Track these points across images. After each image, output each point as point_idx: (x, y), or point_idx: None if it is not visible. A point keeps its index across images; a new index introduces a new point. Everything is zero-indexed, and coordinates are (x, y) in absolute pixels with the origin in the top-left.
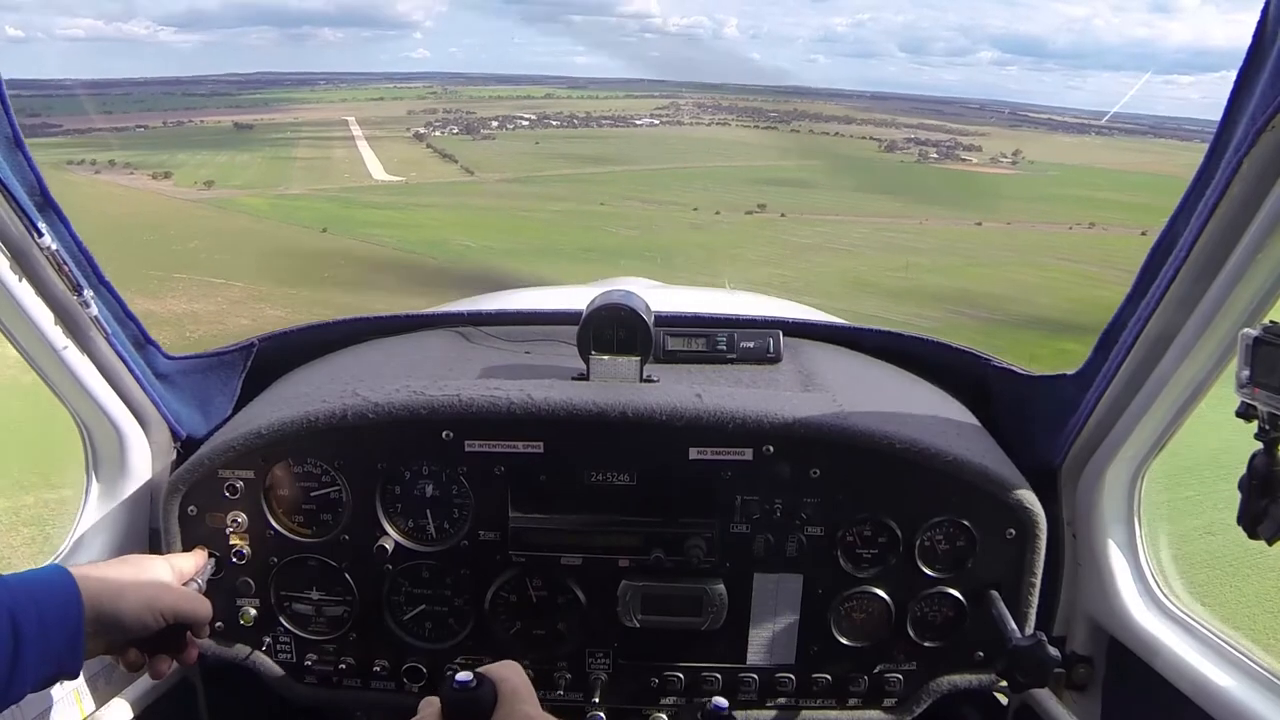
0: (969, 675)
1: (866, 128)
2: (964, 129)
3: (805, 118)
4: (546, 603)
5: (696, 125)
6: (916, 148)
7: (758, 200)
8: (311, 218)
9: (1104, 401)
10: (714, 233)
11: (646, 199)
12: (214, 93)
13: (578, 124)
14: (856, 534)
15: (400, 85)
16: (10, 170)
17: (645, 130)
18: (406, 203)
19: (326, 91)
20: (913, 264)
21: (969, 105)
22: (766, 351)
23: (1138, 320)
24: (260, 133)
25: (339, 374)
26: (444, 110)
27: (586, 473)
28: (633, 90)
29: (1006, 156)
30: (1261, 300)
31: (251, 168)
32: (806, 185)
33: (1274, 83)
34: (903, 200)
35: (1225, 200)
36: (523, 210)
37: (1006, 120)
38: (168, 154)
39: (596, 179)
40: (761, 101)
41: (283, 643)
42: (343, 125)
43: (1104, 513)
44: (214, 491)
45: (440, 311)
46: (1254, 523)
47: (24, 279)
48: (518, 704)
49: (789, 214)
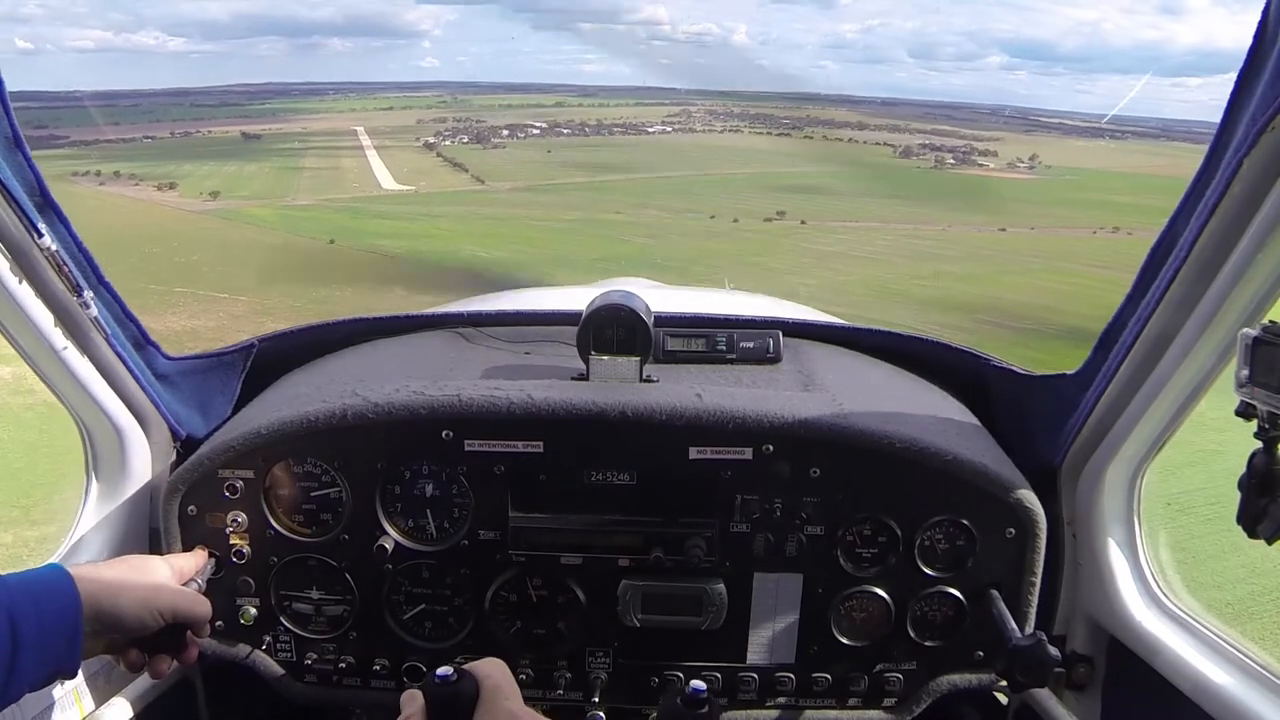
0: (969, 675)
1: (880, 133)
2: (978, 134)
3: (818, 124)
4: (546, 602)
5: (709, 132)
6: (932, 153)
7: (776, 207)
8: (319, 229)
9: (1104, 401)
10: (733, 241)
11: (662, 207)
12: (223, 103)
13: (589, 132)
14: (856, 533)
15: (409, 95)
16: (10, 170)
17: (658, 138)
18: (417, 213)
19: (335, 101)
20: (941, 272)
21: (980, 110)
22: (766, 351)
23: (1138, 320)
24: (268, 143)
25: (339, 374)
26: (454, 119)
27: (586, 472)
28: (644, 98)
29: (1023, 162)
30: (1261, 300)
31: (259, 178)
32: (824, 192)
33: (1274, 83)
34: (923, 206)
35: (1225, 200)
36: (535, 219)
37: (1019, 125)
38: (174, 164)
39: (610, 187)
40: (773, 108)
41: (283, 642)
42: (351, 135)
43: (1104, 512)
44: (214, 491)
45: (440, 312)
46: (1253, 522)
47: (24, 280)
48: (500, 699)
49: (809, 221)
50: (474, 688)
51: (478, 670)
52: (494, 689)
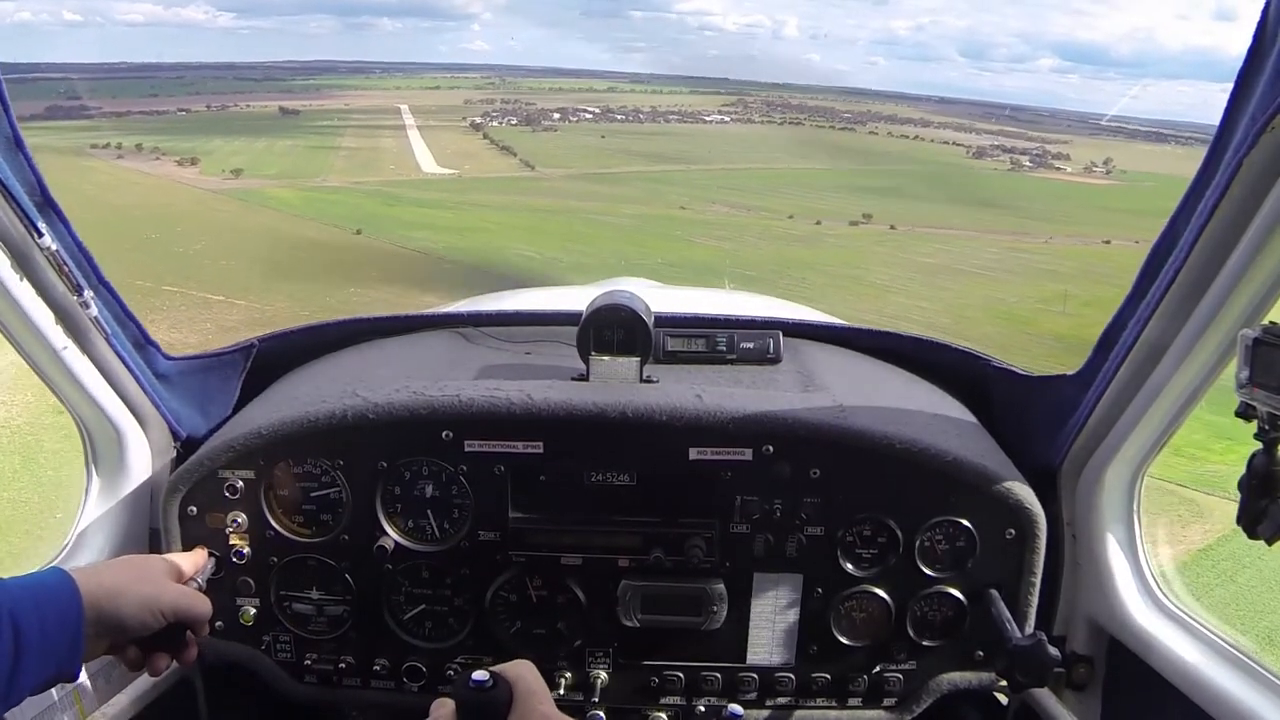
0: (969, 675)
1: (946, 131)
2: (1045, 136)
3: (879, 119)
4: (546, 602)
5: (769, 124)
6: (1006, 155)
7: (855, 208)
8: (347, 215)
9: (1104, 401)
10: (820, 247)
11: (733, 204)
12: (267, 77)
13: (644, 119)
14: (856, 534)
15: (457, 75)
16: (10, 170)
17: (716, 128)
18: (458, 200)
19: (381, 79)
20: (1068, 295)
21: (1040, 113)
22: (766, 352)
23: (1138, 320)
24: (307, 119)
25: (339, 374)
26: (501, 100)
27: (586, 473)
28: (698, 87)
29: (1098, 166)
30: (1261, 301)
31: (289, 156)
32: (903, 195)
33: (1274, 83)
34: (1012, 214)
35: (1225, 201)
36: (592, 213)
37: (1083, 128)
38: (203, 139)
39: (671, 179)
40: (832, 101)
41: (283, 642)
42: (394, 113)
43: (1104, 513)
44: (214, 491)
45: (440, 312)
46: (1253, 522)
47: (24, 279)
48: (534, 703)
49: (899, 226)
50: (508, 693)
51: (510, 673)
52: (527, 693)
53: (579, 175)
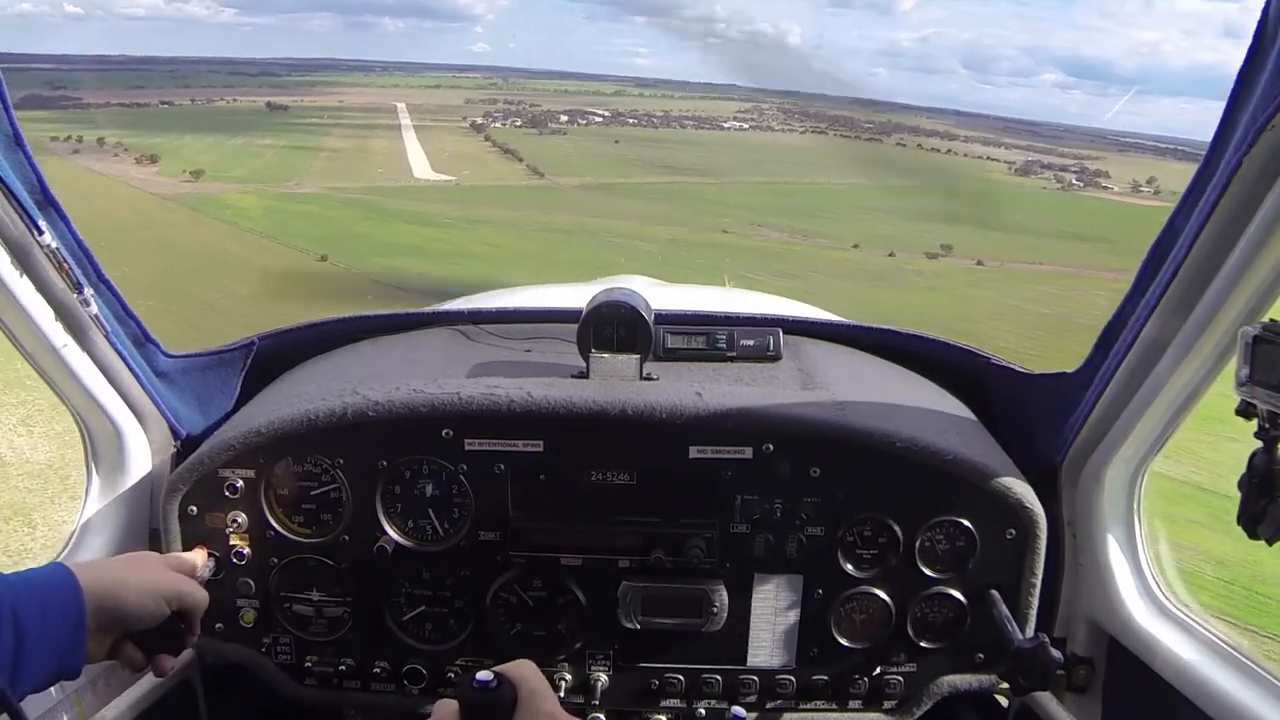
0: (970, 677)
1: (973, 145)
2: (1075, 152)
3: (904, 131)
4: (546, 603)
5: (789, 132)
6: (1050, 173)
7: (928, 236)
8: (314, 232)
9: (1104, 400)
10: (908, 290)
11: (782, 228)
12: (264, 72)
13: (657, 124)
14: (856, 534)
15: (459, 75)
16: (10, 169)
17: (733, 134)
18: (454, 216)
19: (380, 77)
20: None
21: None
22: (766, 349)
23: (1138, 319)
24: (295, 115)
25: (339, 373)
26: (505, 101)
27: (586, 472)
28: (710, 92)
29: (1144, 185)
30: (1261, 298)
31: (262, 156)
32: (966, 220)
33: (1274, 83)
34: (1103, 246)
35: (1225, 199)
36: (618, 236)
37: (1111, 145)
38: (175, 135)
39: (702, 194)
40: (851, 110)
41: (283, 644)
42: (390, 112)
43: (1104, 512)
44: (214, 491)
45: (440, 310)
46: (1253, 522)
47: (24, 276)
48: (539, 703)
49: (987, 262)
50: (512, 693)
51: (513, 673)
52: (531, 693)
53: (595, 186)
